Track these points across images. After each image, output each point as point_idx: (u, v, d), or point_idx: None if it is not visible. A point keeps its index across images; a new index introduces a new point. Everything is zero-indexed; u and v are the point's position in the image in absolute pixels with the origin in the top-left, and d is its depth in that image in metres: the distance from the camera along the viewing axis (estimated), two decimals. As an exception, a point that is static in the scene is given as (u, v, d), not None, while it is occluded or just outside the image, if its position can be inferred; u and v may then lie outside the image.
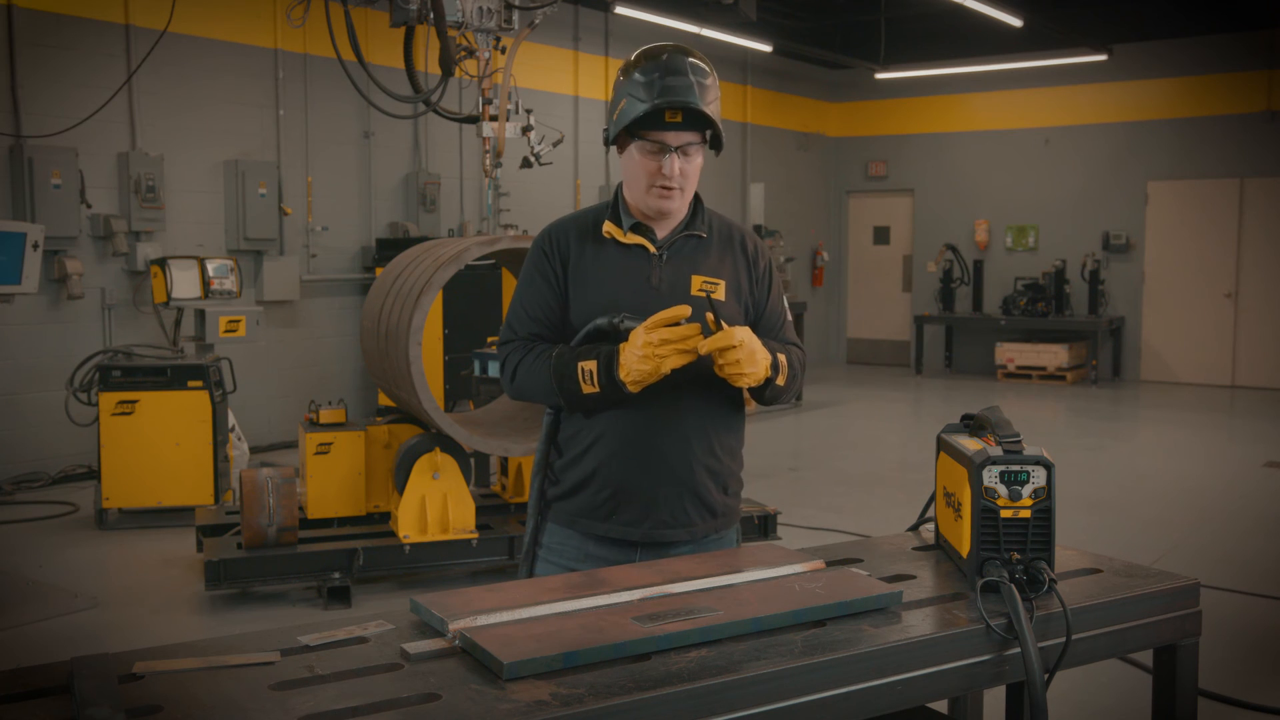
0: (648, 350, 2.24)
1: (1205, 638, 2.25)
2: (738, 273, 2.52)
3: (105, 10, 8.35)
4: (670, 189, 2.41)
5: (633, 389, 2.31)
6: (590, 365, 2.33)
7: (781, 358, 2.44)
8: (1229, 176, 13.75)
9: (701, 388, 2.42)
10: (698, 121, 2.38)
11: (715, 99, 2.40)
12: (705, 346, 2.26)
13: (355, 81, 6.00)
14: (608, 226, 2.49)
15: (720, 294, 2.47)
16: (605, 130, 2.48)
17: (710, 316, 2.27)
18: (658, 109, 2.34)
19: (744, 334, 2.29)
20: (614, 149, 2.51)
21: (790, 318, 2.64)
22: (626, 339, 2.33)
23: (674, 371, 2.32)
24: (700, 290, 2.45)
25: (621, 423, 2.42)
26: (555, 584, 2.10)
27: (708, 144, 2.46)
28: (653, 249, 2.47)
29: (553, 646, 1.75)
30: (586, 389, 2.34)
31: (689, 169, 2.42)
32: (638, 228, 2.49)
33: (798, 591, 2.04)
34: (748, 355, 2.29)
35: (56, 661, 1.79)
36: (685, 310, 2.24)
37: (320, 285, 9.93)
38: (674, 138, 2.38)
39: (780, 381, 2.44)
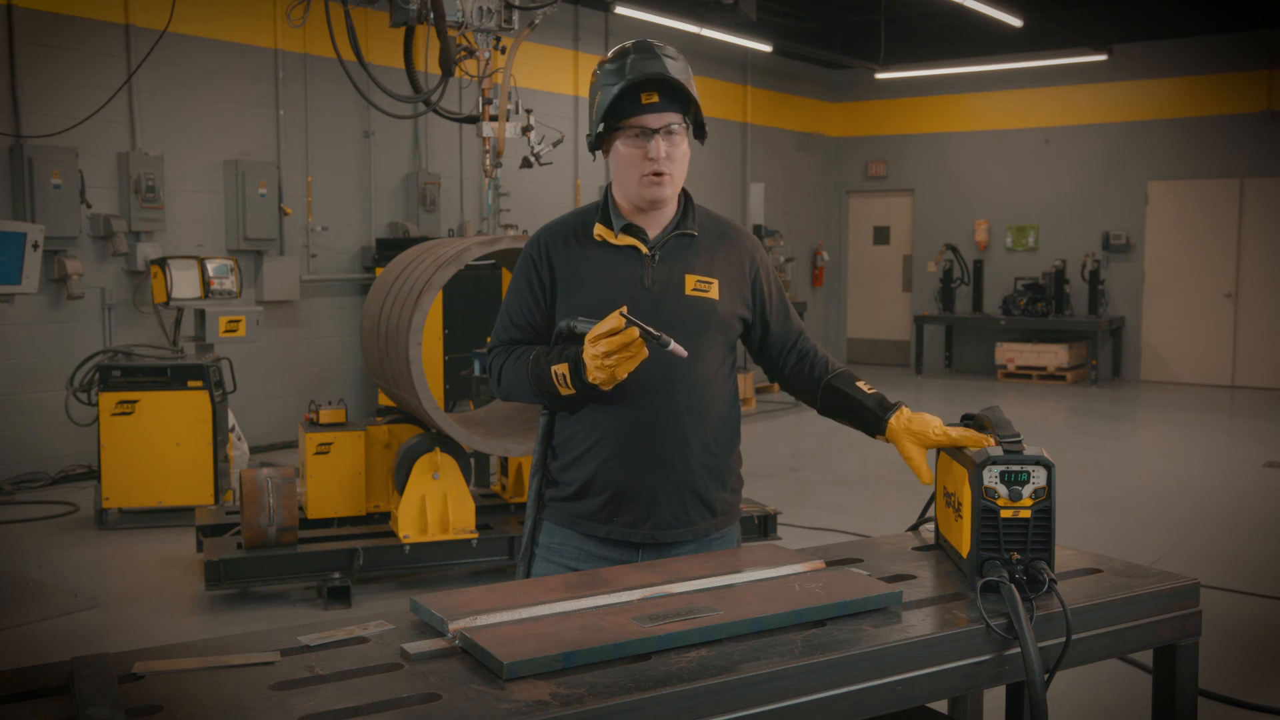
0: (595, 363, 2.24)
1: (1205, 638, 2.25)
2: (731, 270, 2.51)
3: (105, 10, 8.35)
4: (661, 174, 2.39)
5: (604, 389, 2.31)
6: (562, 369, 2.33)
7: None
8: (1229, 176, 13.74)
9: (696, 385, 2.42)
10: (674, 99, 2.38)
11: (688, 80, 2.39)
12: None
13: (355, 81, 6.00)
14: (598, 229, 2.47)
15: (714, 292, 2.46)
16: (589, 136, 2.47)
17: (631, 321, 2.23)
18: (633, 85, 2.34)
19: None
20: (600, 153, 2.50)
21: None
22: None
23: (666, 370, 2.34)
24: (694, 290, 2.44)
25: (617, 425, 2.41)
26: (555, 584, 2.10)
27: (690, 131, 2.45)
28: (645, 250, 2.45)
29: (553, 646, 1.74)
30: (563, 391, 2.35)
31: (675, 153, 2.40)
32: (629, 229, 2.46)
33: (798, 591, 2.04)
34: None
35: (56, 661, 1.79)
36: (619, 321, 2.21)
37: (320, 285, 9.93)
38: (655, 119, 2.37)
39: None
